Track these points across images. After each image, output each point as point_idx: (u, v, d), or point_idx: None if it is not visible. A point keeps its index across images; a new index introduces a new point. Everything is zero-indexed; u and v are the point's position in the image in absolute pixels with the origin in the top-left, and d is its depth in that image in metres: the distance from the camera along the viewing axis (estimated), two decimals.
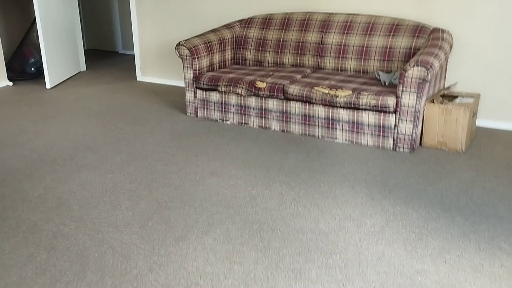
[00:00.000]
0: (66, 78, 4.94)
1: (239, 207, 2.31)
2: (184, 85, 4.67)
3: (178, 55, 3.60)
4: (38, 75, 4.89)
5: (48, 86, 4.56)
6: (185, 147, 3.11)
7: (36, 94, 4.37)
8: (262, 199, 2.39)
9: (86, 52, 6.58)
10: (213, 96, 3.58)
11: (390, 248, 1.95)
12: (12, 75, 4.89)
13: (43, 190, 2.48)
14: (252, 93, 3.38)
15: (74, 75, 5.13)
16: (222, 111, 3.59)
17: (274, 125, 3.42)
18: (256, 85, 3.35)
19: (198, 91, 3.64)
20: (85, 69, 5.44)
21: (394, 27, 3.46)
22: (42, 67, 4.52)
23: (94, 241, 2.01)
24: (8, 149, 3.05)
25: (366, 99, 3.00)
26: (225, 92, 3.51)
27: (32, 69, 4.91)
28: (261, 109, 3.42)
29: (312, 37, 3.70)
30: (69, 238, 2.03)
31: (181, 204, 2.34)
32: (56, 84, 4.67)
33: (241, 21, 4.03)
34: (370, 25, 3.53)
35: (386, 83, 3.19)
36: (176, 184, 2.57)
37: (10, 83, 4.71)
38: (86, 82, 4.86)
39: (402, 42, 3.40)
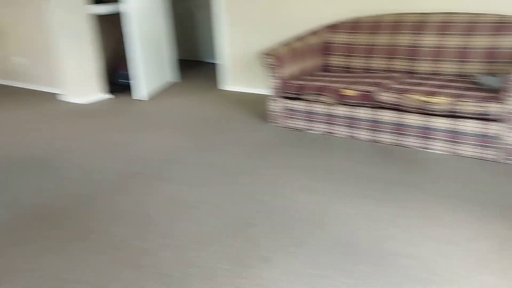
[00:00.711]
0: (158, 89, 5.10)
1: (327, 226, 2.18)
2: (269, 93, 4.61)
3: (264, 64, 3.53)
4: (131, 87, 5.10)
5: (140, 98, 4.74)
6: (271, 159, 3.03)
7: (129, 106, 4.55)
8: (351, 217, 2.24)
9: (179, 62, 6.78)
10: (299, 105, 3.47)
11: (503, 281, 1.71)
12: (111, 87, 5.14)
13: (132, 204, 2.53)
14: (339, 101, 3.23)
15: (166, 86, 5.29)
16: (308, 120, 3.47)
17: (363, 134, 3.23)
18: (344, 93, 3.19)
19: (284, 100, 3.55)
20: (177, 79, 5.59)
21: (499, 26, 3.11)
22: (135, 79, 4.70)
23: (178, 259, 1.98)
24: (101, 161, 3.18)
25: (466, 105, 2.72)
26: (311, 101, 3.39)
27: (128, 81, 5.14)
28: (349, 118, 3.25)
29: (404, 39, 3.46)
30: (155, 255, 2.02)
31: (265, 222, 2.25)
32: (148, 96, 4.84)
33: (328, 26, 3.88)
34: (471, 24, 3.22)
35: (490, 88, 2.87)
36: (260, 199, 2.49)
37: (110, 95, 4.96)
38: (176, 93, 4.99)
39: (509, 42, 3.05)
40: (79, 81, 4.73)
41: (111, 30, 5.49)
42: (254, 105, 4.32)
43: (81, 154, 3.30)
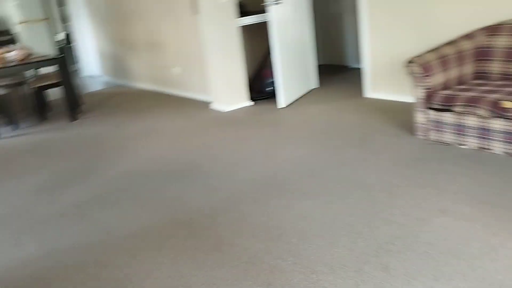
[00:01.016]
0: (299, 96, 5.14)
1: (474, 260, 1.94)
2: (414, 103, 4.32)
3: (409, 72, 3.31)
4: (274, 94, 5.22)
5: (280, 105, 4.82)
6: (412, 176, 2.82)
7: (270, 114, 4.66)
8: (505, 252, 1.96)
9: (319, 67, 6.76)
10: (448, 117, 3.18)
11: None
12: (253, 95, 5.34)
13: (266, 217, 2.57)
14: (497, 114, 2.87)
15: (306, 93, 5.31)
16: (458, 134, 3.15)
17: None
18: (504, 105, 2.82)
19: (431, 111, 3.29)
20: (317, 86, 5.58)
21: None
22: (277, 87, 4.80)
23: (308, 281, 1.95)
24: (238, 170, 3.29)
25: None
26: (462, 113, 3.08)
27: (269, 89, 5.28)
28: (509, 133, 2.87)
29: None
30: (285, 275, 2.02)
31: (402, 248, 2.10)
32: (288, 103, 4.90)
33: (485, 28, 3.49)
34: None
35: None
36: (399, 222, 2.33)
37: (252, 103, 5.15)
38: (316, 100, 4.97)
39: None
40: (226, 89, 4.99)
41: (256, 39, 5.68)
42: (398, 115, 4.09)
43: (221, 163, 3.47)
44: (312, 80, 5.47)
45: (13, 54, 5.35)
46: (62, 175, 3.65)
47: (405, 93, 4.47)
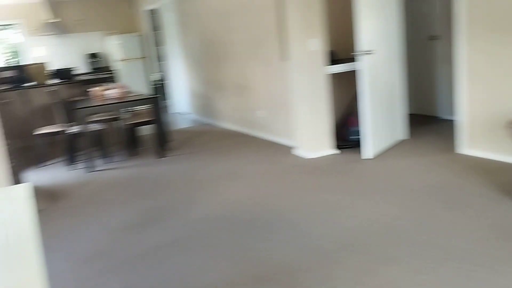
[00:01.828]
0: (386, 147, 4.95)
1: None
2: None
3: (510, 133, 3.05)
4: (359, 144, 5.07)
5: (366, 156, 4.66)
6: None
7: (354, 164, 4.51)
8: None
9: (410, 117, 6.51)
10: None
11: None
12: (337, 142, 5.23)
13: (349, 282, 2.42)
14: None
15: (394, 144, 5.10)
16: None
17: None
18: None
19: None
20: (406, 137, 5.35)
21: None
22: (363, 136, 4.66)
23: None
24: (319, 225, 3.17)
25: None
26: None
27: (354, 137, 5.14)
28: None
29: None
30: None
31: None
32: (375, 154, 4.73)
33: None
34: None
35: None
36: None
37: (337, 151, 5.04)
38: (404, 153, 4.75)
39: None
40: (311, 136, 4.94)
41: (343, 85, 5.61)
42: (498, 176, 3.76)
43: (302, 215, 3.37)
44: (400, 131, 5.25)
45: (112, 92, 5.72)
46: (146, 213, 3.76)
47: (507, 152, 4.12)
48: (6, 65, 8.99)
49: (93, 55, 9.93)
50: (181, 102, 9.15)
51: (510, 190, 3.42)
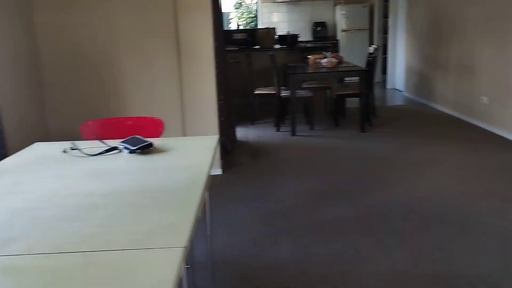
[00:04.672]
0: None
1: None
2: None
3: None
4: None
5: None
6: None
7: None
8: None
9: None
10: None
11: None
12: None
13: None
14: None
15: None
16: None
17: None
18: None
19: None
20: None
21: None
22: None
23: None
24: None
25: None
26: None
27: None
28: None
29: None
30: None
31: None
32: None
33: None
34: None
35: None
36: None
37: None
38: None
39: None
40: None
41: None
42: None
43: (508, 224, 2.90)
44: None
45: (325, 60, 5.79)
46: (335, 185, 3.76)
47: None
48: (240, 28, 9.93)
49: (319, 24, 10.18)
50: (397, 79, 8.74)
51: None
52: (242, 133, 5.70)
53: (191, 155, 1.93)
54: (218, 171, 4.14)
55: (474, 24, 5.56)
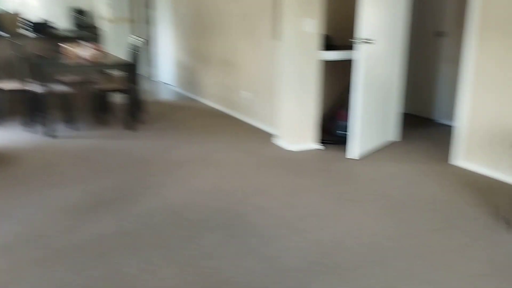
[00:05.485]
0: (375, 148, 4.53)
1: None
2: None
3: None
4: (345, 140, 4.64)
5: (352, 155, 4.24)
6: None
7: (338, 164, 4.09)
8: None
9: (403, 117, 6.08)
10: None
11: None
12: (322, 136, 4.80)
13: None
14: None
15: (384, 146, 4.68)
16: None
17: None
18: None
19: None
20: (397, 139, 4.92)
21: None
22: (351, 132, 4.23)
23: None
24: (290, 235, 2.76)
25: None
26: None
27: (341, 132, 4.72)
28: None
29: None
30: None
31: None
32: (361, 154, 4.30)
33: None
34: None
35: None
36: None
37: (320, 146, 4.61)
38: (394, 157, 4.33)
39: None
40: (295, 126, 4.50)
41: (336, 74, 5.16)
42: (494, 197, 3.37)
43: (269, 220, 2.95)
44: (391, 131, 4.83)
45: (85, 52, 5.19)
46: (96, 195, 3.31)
47: (507, 170, 3.73)
48: None
49: (80, 12, 9.30)
50: (166, 72, 8.62)
51: (507, 216, 3.03)
52: None
53: None
54: None
55: (232, 20, 5.73)
